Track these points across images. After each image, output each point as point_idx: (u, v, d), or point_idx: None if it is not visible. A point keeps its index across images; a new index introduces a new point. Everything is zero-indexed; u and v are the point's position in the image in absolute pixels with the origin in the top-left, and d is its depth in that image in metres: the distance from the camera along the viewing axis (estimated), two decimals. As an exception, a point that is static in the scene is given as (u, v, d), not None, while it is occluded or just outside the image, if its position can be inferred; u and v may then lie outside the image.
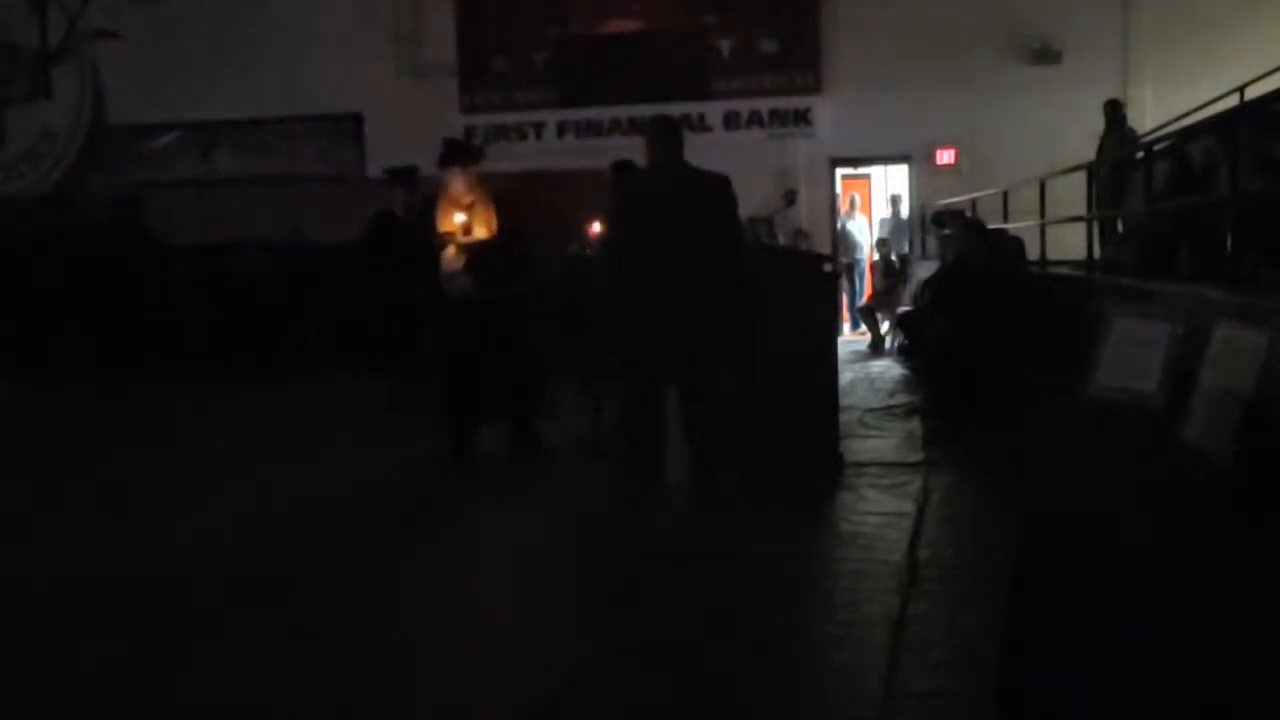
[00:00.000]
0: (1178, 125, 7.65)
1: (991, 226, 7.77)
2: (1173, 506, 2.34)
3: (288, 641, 3.34)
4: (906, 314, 9.13)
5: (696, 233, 4.49)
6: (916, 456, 5.64)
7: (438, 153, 5.92)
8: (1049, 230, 7.42)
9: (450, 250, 5.69)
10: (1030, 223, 7.61)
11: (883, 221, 13.08)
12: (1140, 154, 6.84)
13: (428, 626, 3.47)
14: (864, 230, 13.07)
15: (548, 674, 3.06)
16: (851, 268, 12.66)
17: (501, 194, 6.00)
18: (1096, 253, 6.87)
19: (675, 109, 11.99)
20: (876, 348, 10.76)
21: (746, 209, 10.42)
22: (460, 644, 3.32)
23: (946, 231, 9.84)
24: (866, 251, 12.91)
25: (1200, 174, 5.57)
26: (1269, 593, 1.90)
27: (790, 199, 11.83)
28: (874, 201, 13.97)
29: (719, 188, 4.61)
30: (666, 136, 4.73)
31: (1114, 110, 9.66)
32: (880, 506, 4.66)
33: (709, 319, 4.56)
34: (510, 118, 13.17)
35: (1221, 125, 5.03)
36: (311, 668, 3.13)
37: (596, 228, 5.96)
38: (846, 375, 8.18)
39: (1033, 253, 7.49)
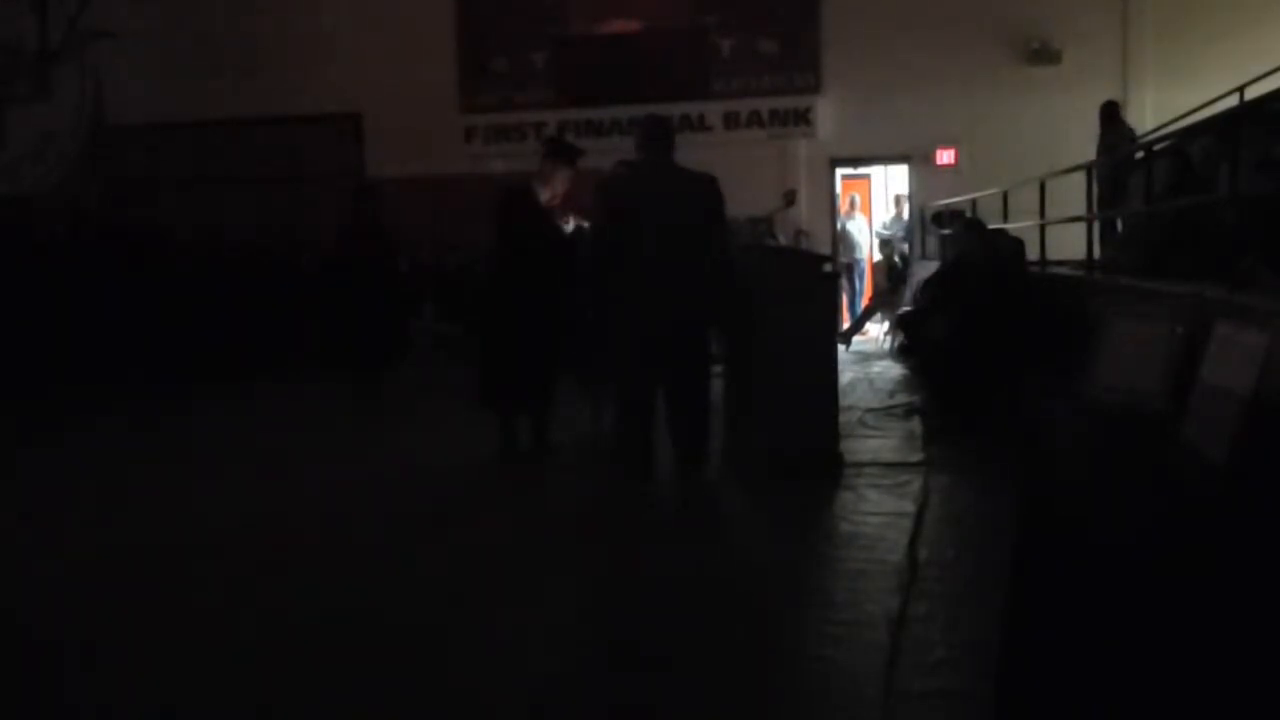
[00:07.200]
0: (1178, 125, 7.64)
1: (991, 226, 7.77)
2: (1173, 506, 2.35)
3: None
4: (906, 314, 9.12)
5: (684, 233, 4.50)
6: (916, 456, 5.64)
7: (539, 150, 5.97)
8: (1049, 230, 7.42)
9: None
10: (1030, 223, 7.61)
11: (889, 222, 13.07)
12: (1140, 154, 6.83)
13: (422, 624, 3.47)
14: (864, 230, 13.07)
15: (544, 675, 3.06)
16: (851, 268, 12.66)
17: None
18: (1096, 253, 6.86)
19: (675, 109, 12.06)
20: (845, 338, 10.59)
21: (746, 209, 10.56)
22: (459, 643, 3.32)
23: (946, 231, 9.83)
24: (866, 251, 12.91)
25: (1200, 174, 5.56)
26: (1269, 592, 1.91)
27: (790, 199, 11.85)
28: (874, 201, 13.98)
29: (707, 188, 4.62)
30: (658, 136, 4.72)
31: (1110, 112, 9.62)
32: (880, 506, 4.66)
33: (695, 319, 4.58)
34: (510, 118, 13.17)
35: (1221, 125, 5.02)
36: (310, 661, 3.14)
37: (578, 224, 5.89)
38: (846, 375, 8.19)
39: (1033, 253, 7.48)
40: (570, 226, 5.76)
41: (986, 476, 4.96)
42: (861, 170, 13.64)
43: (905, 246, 12.30)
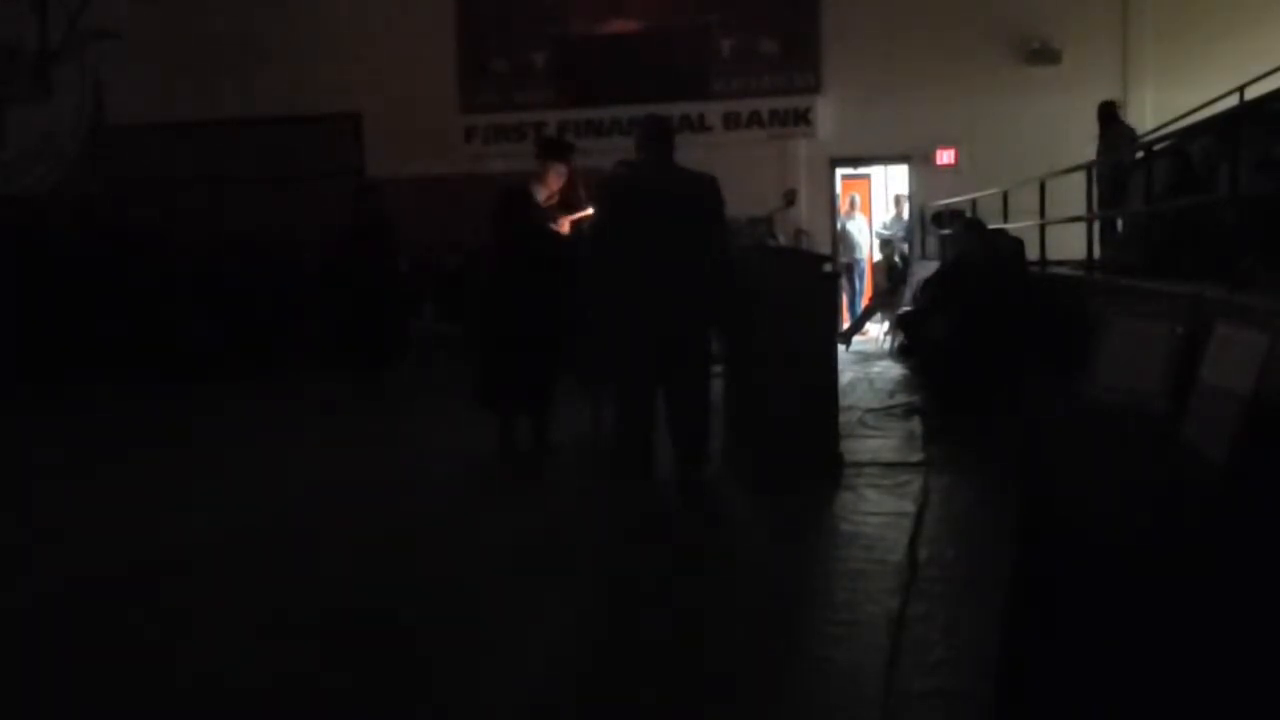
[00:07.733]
0: (1178, 125, 7.65)
1: (991, 226, 7.78)
2: (1173, 506, 2.35)
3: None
4: (906, 314, 9.12)
5: (684, 233, 4.50)
6: (916, 456, 5.63)
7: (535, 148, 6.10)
8: (1049, 230, 7.42)
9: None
10: (1030, 223, 7.61)
11: (889, 222, 13.07)
12: (1140, 154, 6.84)
13: (422, 624, 3.47)
14: (864, 230, 13.08)
15: (544, 675, 3.06)
16: (851, 268, 12.66)
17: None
18: (1096, 253, 6.87)
19: (675, 109, 12.08)
20: (845, 338, 10.56)
21: (746, 209, 10.57)
22: (459, 643, 3.32)
23: (946, 231, 9.84)
24: (866, 251, 12.91)
25: (1200, 174, 5.57)
26: (1269, 592, 1.91)
27: (790, 199, 11.85)
28: (874, 201, 13.99)
29: (708, 188, 4.62)
30: (658, 136, 4.71)
31: (1109, 112, 9.62)
32: (880, 506, 4.65)
33: (695, 319, 4.58)
34: (510, 118, 13.17)
35: (1221, 125, 5.03)
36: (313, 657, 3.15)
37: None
38: (846, 375, 8.18)
39: (1033, 253, 7.49)
40: (566, 227, 5.77)
41: (986, 476, 4.96)
42: (861, 170, 13.65)
43: (905, 246, 12.30)
